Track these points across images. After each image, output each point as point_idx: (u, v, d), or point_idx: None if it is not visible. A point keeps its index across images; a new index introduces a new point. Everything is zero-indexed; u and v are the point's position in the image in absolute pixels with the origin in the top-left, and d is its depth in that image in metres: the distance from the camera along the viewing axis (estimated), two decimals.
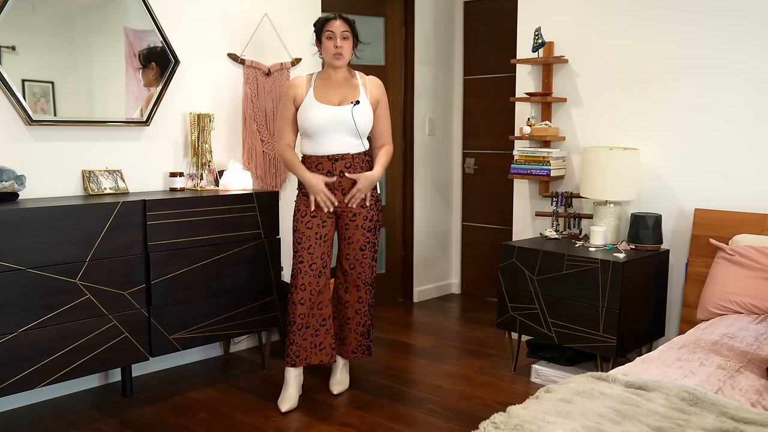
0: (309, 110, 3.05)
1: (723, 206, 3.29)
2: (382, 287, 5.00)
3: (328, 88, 3.10)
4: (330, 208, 3.08)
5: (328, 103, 3.06)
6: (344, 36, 3.05)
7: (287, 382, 3.13)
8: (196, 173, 3.53)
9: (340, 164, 3.08)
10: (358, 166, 3.10)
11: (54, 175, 3.15)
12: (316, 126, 3.04)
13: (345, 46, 3.06)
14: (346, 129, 3.05)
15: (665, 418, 1.74)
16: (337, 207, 3.12)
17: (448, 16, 5.09)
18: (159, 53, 3.39)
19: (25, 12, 2.99)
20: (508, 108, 4.62)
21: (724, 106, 3.26)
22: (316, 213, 3.10)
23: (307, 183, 3.06)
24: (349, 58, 3.11)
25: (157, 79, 3.39)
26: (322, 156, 3.08)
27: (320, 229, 3.11)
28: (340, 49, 3.05)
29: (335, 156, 3.07)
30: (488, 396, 3.25)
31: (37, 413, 3.02)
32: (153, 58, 3.37)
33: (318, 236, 3.11)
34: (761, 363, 2.25)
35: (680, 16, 3.36)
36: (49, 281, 2.75)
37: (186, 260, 3.18)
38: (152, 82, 3.38)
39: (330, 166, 3.08)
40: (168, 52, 3.44)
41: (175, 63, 3.47)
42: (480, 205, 5.15)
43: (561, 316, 3.23)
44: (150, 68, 3.36)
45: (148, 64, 3.36)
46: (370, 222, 3.17)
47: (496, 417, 1.76)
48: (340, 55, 3.06)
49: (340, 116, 3.04)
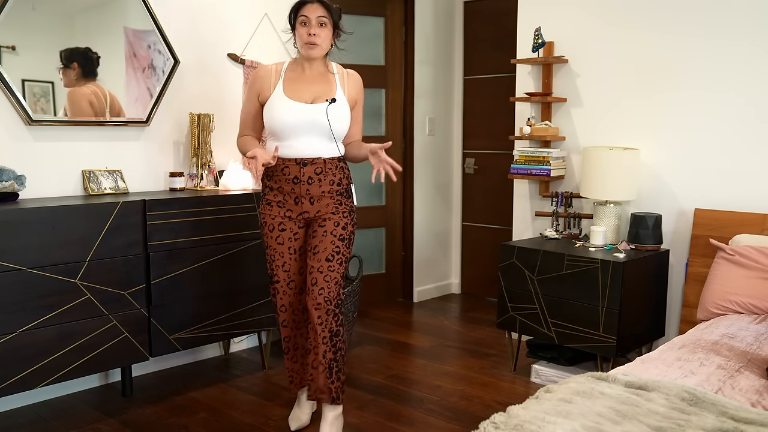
0: (276, 107, 2.64)
1: (723, 206, 3.29)
2: (382, 287, 5.00)
3: (300, 83, 2.68)
4: (267, 159, 2.51)
5: (298, 99, 2.64)
6: (321, 22, 2.61)
7: (298, 400, 2.94)
8: (196, 173, 3.53)
9: (309, 170, 2.65)
10: (330, 173, 2.68)
11: (54, 175, 3.15)
12: (285, 126, 2.63)
13: (321, 35, 2.61)
14: (319, 130, 2.64)
15: (665, 418, 1.74)
16: (306, 216, 2.70)
17: (448, 16, 5.09)
18: (81, 53, 3.15)
19: (25, 12, 2.99)
20: (508, 108, 4.62)
21: (724, 106, 3.26)
22: (284, 225, 2.71)
23: (254, 154, 2.52)
24: (326, 50, 2.68)
25: (79, 79, 3.15)
26: (289, 159, 2.66)
27: (292, 242, 2.73)
28: (314, 37, 2.60)
29: (304, 160, 2.65)
30: (488, 396, 3.25)
31: (37, 413, 3.02)
32: (75, 58, 3.13)
33: (291, 250, 2.74)
34: (761, 363, 2.25)
35: (679, 17, 3.36)
36: (49, 281, 2.75)
37: (186, 260, 3.18)
38: (73, 82, 3.13)
39: (297, 171, 2.65)
40: (168, 52, 3.45)
41: (175, 63, 3.47)
42: (480, 205, 5.15)
43: (561, 316, 3.23)
44: (71, 68, 3.12)
45: (69, 64, 3.11)
46: (342, 230, 2.70)
47: (496, 417, 1.76)
48: (314, 45, 2.61)
49: (312, 116, 2.63)
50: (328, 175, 2.68)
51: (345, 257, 2.71)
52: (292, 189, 2.67)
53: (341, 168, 2.73)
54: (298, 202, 2.68)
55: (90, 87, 3.20)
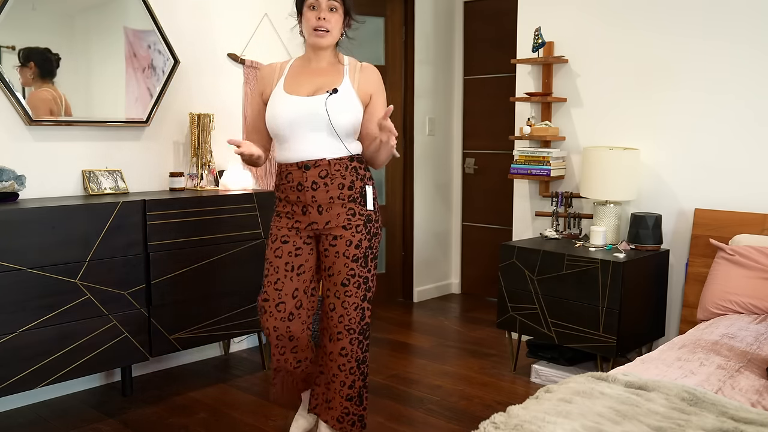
0: (274, 105, 2.40)
1: (723, 206, 3.29)
2: (382, 287, 5.00)
3: (303, 76, 2.43)
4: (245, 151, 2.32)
5: (297, 93, 2.38)
6: (331, 7, 2.35)
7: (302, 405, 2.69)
8: (196, 173, 3.53)
9: (313, 173, 2.36)
10: (338, 176, 2.37)
11: (54, 175, 3.15)
12: (282, 123, 2.37)
13: (331, 20, 2.35)
14: (320, 126, 2.34)
15: (665, 418, 1.74)
16: (316, 227, 2.43)
17: (448, 16, 5.09)
18: (39, 53, 3.04)
19: (25, 12, 2.99)
20: (508, 108, 4.62)
21: (724, 106, 3.26)
22: (287, 237, 2.44)
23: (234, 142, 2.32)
24: (336, 38, 2.41)
25: (36, 79, 3.04)
26: (291, 164, 2.38)
27: (292, 258, 2.43)
28: (323, 22, 2.34)
29: (306, 162, 2.36)
30: (488, 396, 3.25)
31: (37, 413, 3.02)
32: (32, 57, 3.03)
33: (289, 267, 2.43)
34: (761, 363, 2.25)
35: (679, 18, 3.36)
36: (49, 281, 2.75)
37: (186, 260, 3.18)
38: (30, 81, 3.03)
39: (300, 176, 2.37)
40: (168, 52, 3.44)
41: (175, 63, 3.47)
42: (480, 205, 5.15)
43: (561, 316, 3.23)
44: (28, 67, 3.01)
45: (26, 63, 3.01)
46: (355, 249, 2.41)
47: (496, 417, 1.76)
48: (325, 31, 2.35)
49: (310, 109, 2.34)
50: (335, 179, 2.37)
51: (364, 278, 2.43)
52: (298, 197, 2.40)
53: (353, 169, 2.40)
54: (306, 212, 2.40)
55: (49, 91, 3.10)
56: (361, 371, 2.47)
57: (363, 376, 2.48)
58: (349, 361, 2.44)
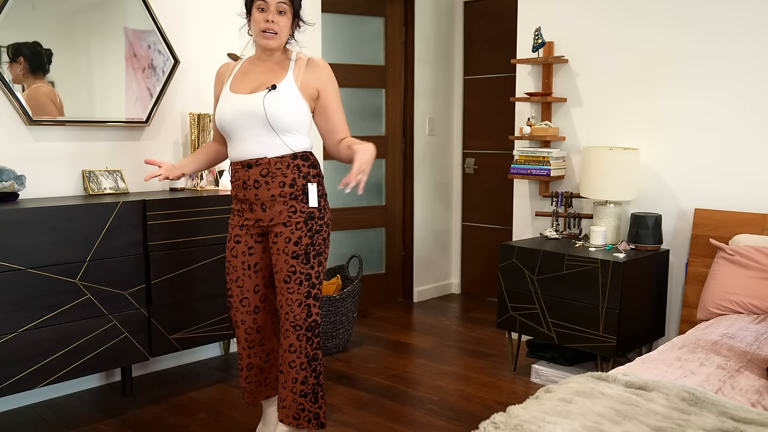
0: (220, 104, 2.44)
1: (723, 206, 3.29)
2: (382, 287, 5.00)
3: (249, 75, 2.44)
4: (168, 176, 2.53)
5: (239, 92, 2.41)
6: (280, 9, 2.34)
7: (264, 419, 2.73)
8: (196, 173, 3.53)
9: (255, 172, 2.39)
10: (279, 174, 2.38)
11: (54, 175, 3.15)
12: (223, 122, 2.41)
13: (280, 23, 2.34)
14: (259, 124, 2.35)
15: (665, 418, 1.74)
16: (262, 224, 2.46)
17: (448, 16, 5.09)
18: (28, 47, 3.00)
19: (25, 12, 2.99)
20: (508, 108, 4.62)
21: (724, 106, 3.26)
22: (239, 237, 2.51)
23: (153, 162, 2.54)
24: (284, 40, 2.40)
25: (26, 75, 3.01)
26: (237, 162, 2.43)
27: (247, 257, 2.51)
28: (271, 24, 2.33)
29: (249, 161, 2.39)
30: (488, 396, 3.25)
31: (37, 413, 3.02)
32: (21, 52, 2.99)
33: (246, 266, 2.52)
34: (761, 363, 2.25)
35: (680, 17, 3.36)
36: (49, 281, 2.75)
37: (186, 260, 3.18)
38: (20, 78, 2.99)
39: (244, 174, 2.41)
40: (168, 52, 3.45)
41: (175, 63, 3.47)
42: (480, 205, 5.15)
43: (561, 316, 3.23)
44: (18, 63, 2.98)
45: (15, 59, 2.98)
46: (294, 246, 2.40)
47: (496, 417, 1.76)
48: (273, 34, 2.35)
49: (248, 107, 2.35)
50: (276, 177, 2.38)
51: (306, 275, 2.42)
52: (244, 195, 2.44)
53: (295, 167, 2.40)
54: (252, 209, 2.45)
55: (46, 87, 3.09)
56: (313, 368, 2.47)
57: (315, 373, 2.48)
58: (299, 356, 2.45)
